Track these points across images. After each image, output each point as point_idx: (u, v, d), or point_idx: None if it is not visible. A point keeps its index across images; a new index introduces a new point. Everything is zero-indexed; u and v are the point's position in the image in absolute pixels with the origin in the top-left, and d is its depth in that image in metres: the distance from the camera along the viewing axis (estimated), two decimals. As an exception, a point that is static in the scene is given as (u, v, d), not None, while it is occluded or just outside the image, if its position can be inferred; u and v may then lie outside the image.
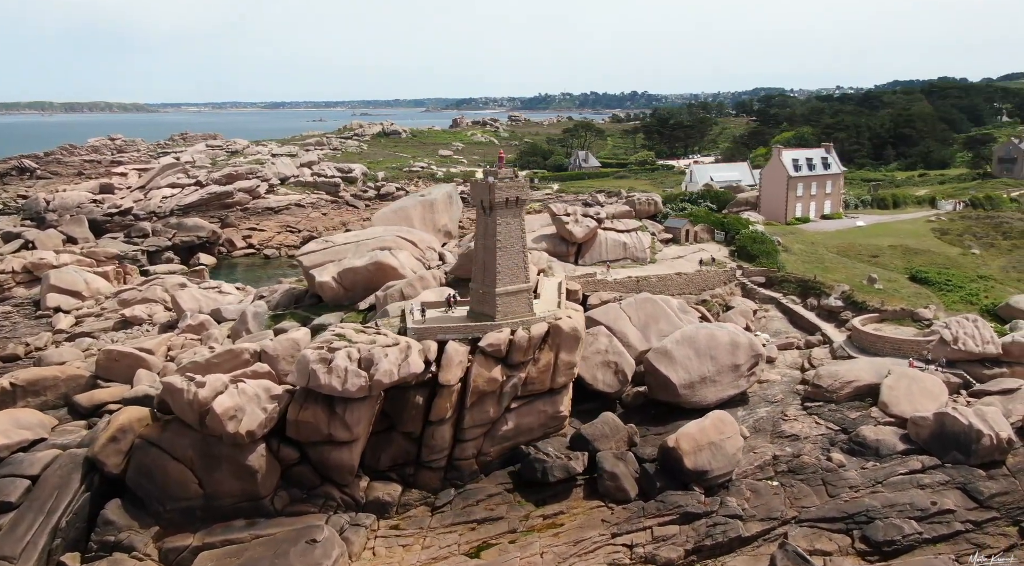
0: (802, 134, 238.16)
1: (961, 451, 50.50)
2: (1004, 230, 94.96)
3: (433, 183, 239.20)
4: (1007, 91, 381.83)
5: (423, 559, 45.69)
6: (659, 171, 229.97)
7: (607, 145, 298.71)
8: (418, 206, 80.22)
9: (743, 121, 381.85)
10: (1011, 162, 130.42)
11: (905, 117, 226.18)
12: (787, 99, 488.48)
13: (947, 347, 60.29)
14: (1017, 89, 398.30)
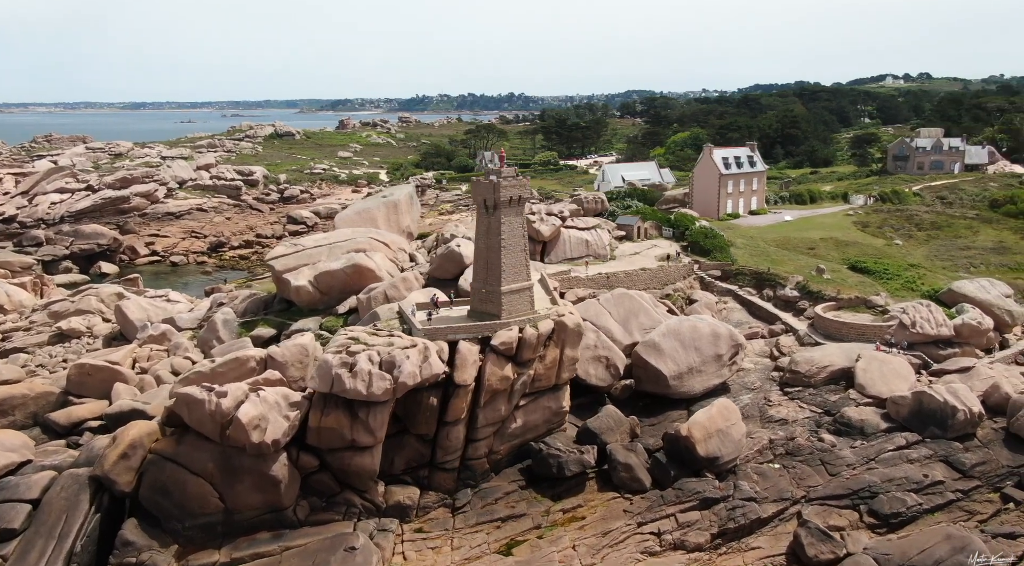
0: (696, 134, 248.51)
1: (938, 426, 54.39)
2: (916, 222, 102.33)
3: (337, 185, 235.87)
4: (868, 94, 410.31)
5: (456, 560, 45.47)
6: (563, 171, 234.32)
7: (506, 146, 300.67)
8: (382, 207, 78.97)
9: (629, 122, 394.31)
10: (904, 159, 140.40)
11: (790, 118, 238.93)
12: (668, 101, 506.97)
13: (906, 331, 64.75)
14: (877, 92, 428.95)
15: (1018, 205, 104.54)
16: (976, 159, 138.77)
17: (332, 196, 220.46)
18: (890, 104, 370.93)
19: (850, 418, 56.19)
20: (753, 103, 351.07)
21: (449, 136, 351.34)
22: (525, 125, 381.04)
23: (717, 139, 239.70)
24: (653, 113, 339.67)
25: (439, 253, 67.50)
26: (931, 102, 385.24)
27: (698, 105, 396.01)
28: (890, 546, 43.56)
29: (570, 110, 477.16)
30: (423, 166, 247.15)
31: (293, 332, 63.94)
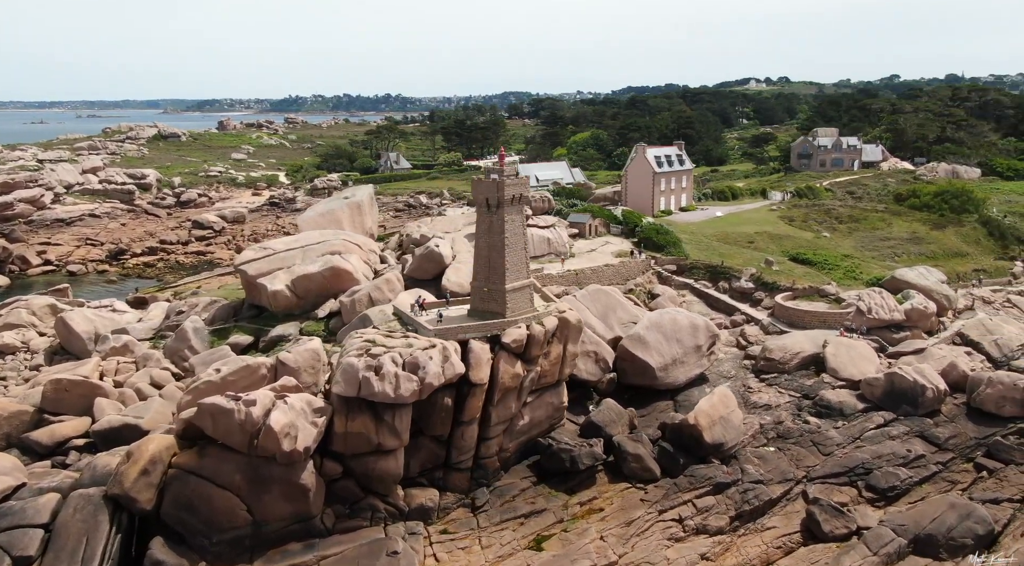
0: (597, 135, 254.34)
1: (909, 404, 58.39)
2: (835, 215, 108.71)
3: (235, 188, 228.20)
4: (745, 96, 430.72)
5: (490, 558, 45.46)
6: (468, 171, 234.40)
7: (403, 146, 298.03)
8: (345, 208, 77.24)
9: (519, 123, 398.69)
10: (808, 157, 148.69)
11: (685, 119, 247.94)
12: (556, 102, 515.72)
13: (864, 316, 68.98)
14: (753, 94, 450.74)
15: (921, 199, 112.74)
16: (871, 157, 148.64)
17: (232, 199, 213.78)
18: (766, 106, 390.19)
19: (829, 401, 59.47)
20: (641, 104, 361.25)
21: (338, 137, 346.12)
22: (415, 126, 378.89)
23: (617, 139, 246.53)
24: (548, 114, 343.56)
25: (418, 253, 66.87)
26: (798, 104, 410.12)
27: (585, 106, 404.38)
28: (903, 517, 46.53)
29: (459, 111, 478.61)
30: (325, 168, 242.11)
31: (273, 338, 62.17)
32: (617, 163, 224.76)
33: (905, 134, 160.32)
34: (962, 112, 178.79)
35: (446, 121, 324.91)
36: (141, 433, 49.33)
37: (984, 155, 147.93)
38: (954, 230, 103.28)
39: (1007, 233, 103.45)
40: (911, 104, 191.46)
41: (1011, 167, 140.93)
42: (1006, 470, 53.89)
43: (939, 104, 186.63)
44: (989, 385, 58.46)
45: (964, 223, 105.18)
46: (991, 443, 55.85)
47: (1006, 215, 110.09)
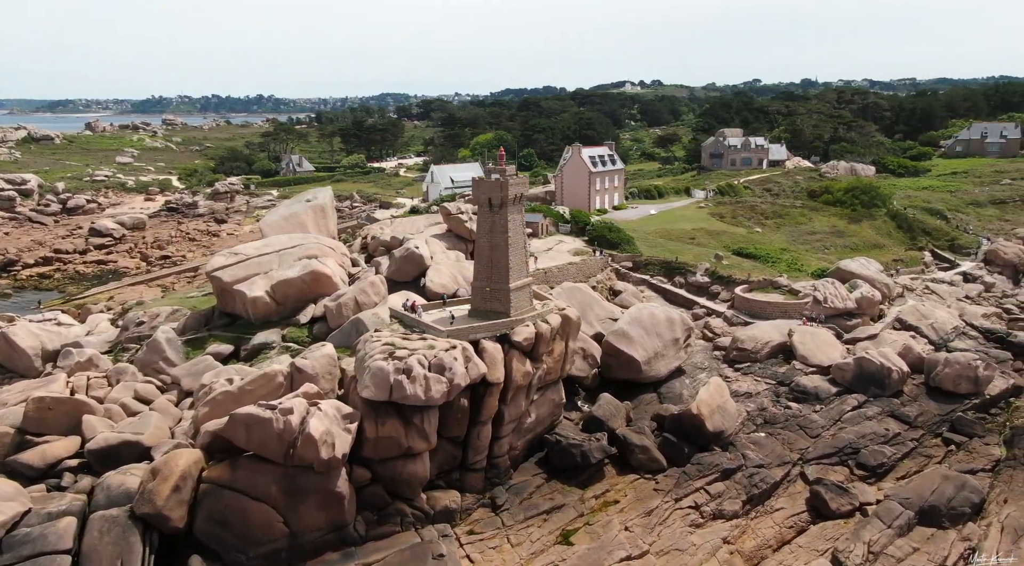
0: (501, 136, 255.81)
1: (877, 386, 62.26)
2: (760, 212, 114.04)
3: (125, 193, 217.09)
4: (633, 98, 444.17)
5: (524, 556, 45.66)
6: (373, 173, 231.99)
7: (300, 147, 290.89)
8: (310, 211, 75.02)
9: (410, 124, 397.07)
10: (720, 157, 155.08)
11: (586, 120, 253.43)
12: (445, 104, 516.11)
13: (820, 306, 72.97)
14: (639, 97, 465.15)
15: (834, 195, 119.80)
16: (777, 156, 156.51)
17: (124, 205, 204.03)
18: (651, 108, 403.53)
19: (805, 386, 62.66)
20: (534, 106, 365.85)
21: (224, 139, 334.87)
22: (303, 127, 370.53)
23: (522, 140, 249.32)
24: (445, 116, 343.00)
25: (397, 255, 65.99)
26: (680, 105, 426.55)
27: (476, 108, 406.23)
28: (905, 491, 49.60)
29: (347, 112, 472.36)
30: (222, 171, 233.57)
31: (256, 346, 60.08)
32: (524, 164, 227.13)
33: (803, 134, 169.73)
34: (848, 113, 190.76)
35: (336, 123, 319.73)
36: (142, 450, 46.93)
37: (876, 154, 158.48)
38: (868, 223, 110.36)
39: (914, 226, 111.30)
40: (804, 106, 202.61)
41: (901, 165, 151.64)
42: (971, 443, 58.34)
43: (828, 106, 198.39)
44: (947, 365, 63.04)
45: (876, 217, 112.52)
46: (954, 419, 60.33)
47: (906, 208, 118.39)
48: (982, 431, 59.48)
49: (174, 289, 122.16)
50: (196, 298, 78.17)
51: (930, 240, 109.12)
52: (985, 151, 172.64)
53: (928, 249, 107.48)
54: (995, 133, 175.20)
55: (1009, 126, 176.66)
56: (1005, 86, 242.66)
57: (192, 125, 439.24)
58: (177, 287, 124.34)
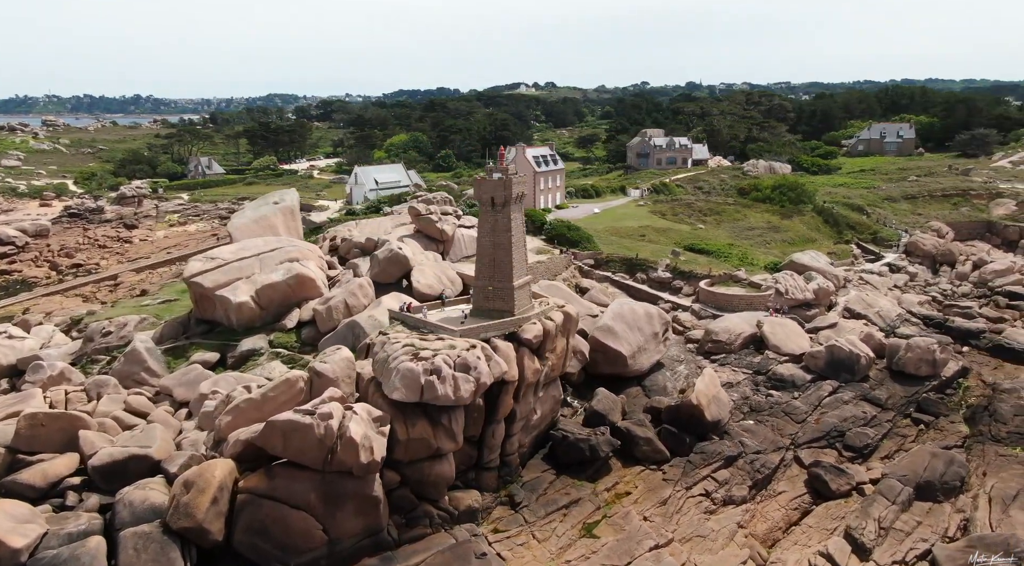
0: (416, 137, 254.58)
1: (848, 372, 65.58)
2: (697, 209, 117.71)
3: (16, 198, 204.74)
4: (537, 100, 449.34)
5: (554, 550, 46.05)
6: (286, 175, 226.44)
7: (202, 148, 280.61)
8: (279, 213, 72.70)
9: (311, 125, 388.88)
10: (646, 156, 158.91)
11: (501, 121, 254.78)
12: (346, 105, 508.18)
13: (782, 297, 76.22)
14: (545, 98, 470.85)
15: (762, 192, 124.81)
16: (700, 155, 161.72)
17: (18, 211, 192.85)
18: (556, 109, 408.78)
19: (782, 374, 65.38)
20: (440, 107, 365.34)
21: (114, 141, 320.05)
22: (209, 129, 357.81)
23: (438, 141, 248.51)
24: (353, 116, 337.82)
25: (381, 257, 65.01)
26: (583, 106, 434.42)
27: (379, 109, 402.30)
28: (900, 469, 52.50)
29: (243, 113, 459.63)
30: (123, 175, 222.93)
31: (243, 353, 58.21)
32: (442, 165, 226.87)
33: (720, 134, 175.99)
34: (758, 114, 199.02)
35: (233, 124, 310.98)
36: (151, 464, 44.72)
37: (790, 153, 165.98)
38: (799, 219, 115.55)
39: (839, 220, 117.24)
40: (718, 107, 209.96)
41: (815, 163, 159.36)
42: (939, 422, 62.28)
43: (739, 107, 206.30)
44: (908, 350, 67.02)
45: (804, 213, 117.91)
46: (920, 400, 64.26)
47: (829, 203, 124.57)
48: (946, 410, 63.62)
49: (96, 298, 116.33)
50: (153, 306, 74.84)
51: (855, 234, 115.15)
52: (884, 150, 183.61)
53: (854, 242, 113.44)
54: (892, 133, 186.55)
55: (904, 127, 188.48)
56: (895, 89, 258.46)
57: (76, 126, 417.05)
58: (99, 296, 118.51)
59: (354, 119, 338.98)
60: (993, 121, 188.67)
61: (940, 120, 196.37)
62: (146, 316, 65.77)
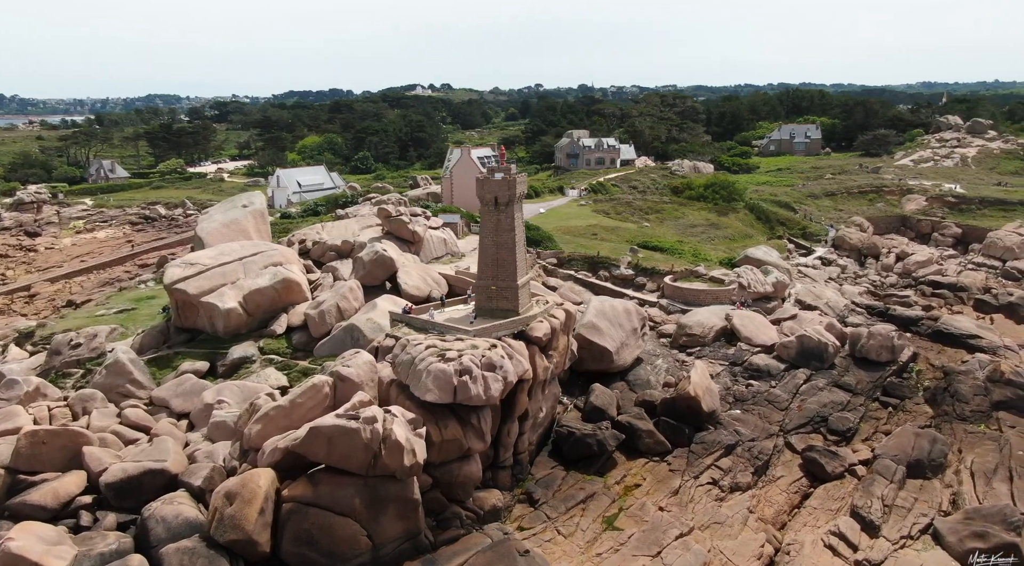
0: (331, 139, 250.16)
1: (817, 360, 68.65)
2: (637, 207, 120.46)
3: None
4: (445, 102, 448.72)
5: (581, 545, 46.53)
6: (195, 179, 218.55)
7: (98, 150, 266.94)
8: (249, 217, 70.07)
9: (214, 127, 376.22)
10: (576, 157, 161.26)
11: (417, 123, 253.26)
12: (243, 106, 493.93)
13: (745, 291, 79.06)
14: (449, 100, 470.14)
15: (696, 190, 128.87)
16: (627, 156, 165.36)
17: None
18: (464, 111, 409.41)
19: (758, 365, 67.87)
20: (345, 109, 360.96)
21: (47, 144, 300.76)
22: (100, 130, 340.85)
23: (354, 143, 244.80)
24: (259, 118, 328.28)
25: (367, 259, 63.89)
26: (489, 108, 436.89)
27: (278, 110, 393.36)
28: (891, 449, 55.30)
29: (132, 114, 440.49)
30: (15, 179, 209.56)
31: (235, 361, 56.24)
32: (360, 167, 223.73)
33: (643, 135, 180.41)
34: (675, 116, 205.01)
35: (121, 126, 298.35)
36: (168, 478, 43.07)
37: (711, 153, 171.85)
38: (734, 216, 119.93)
39: (771, 217, 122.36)
40: (636, 108, 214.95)
41: (735, 163, 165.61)
42: (904, 404, 65.97)
43: (655, 109, 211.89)
44: (870, 338, 70.68)
45: (737, 210, 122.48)
46: (885, 384, 67.96)
47: (758, 200, 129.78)
48: (910, 393, 67.50)
49: (12, 310, 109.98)
50: (109, 316, 71.16)
51: (785, 229, 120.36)
52: (793, 150, 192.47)
53: (786, 238, 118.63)
54: (801, 134, 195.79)
55: (811, 128, 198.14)
56: (794, 93, 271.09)
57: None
58: (15, 308, 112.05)
59: (259, 121, 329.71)
60: (889, 122, 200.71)
61: (841, 122, 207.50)
62: (116, 326, 62.50)
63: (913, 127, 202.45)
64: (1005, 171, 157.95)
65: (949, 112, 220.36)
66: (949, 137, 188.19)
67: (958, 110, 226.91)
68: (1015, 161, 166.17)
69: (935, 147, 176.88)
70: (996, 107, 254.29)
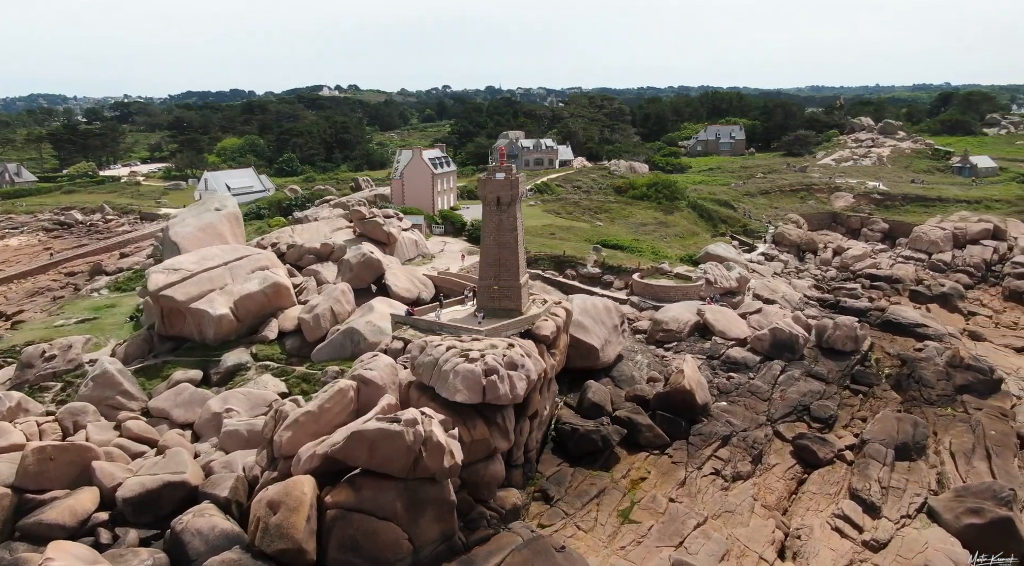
0: (252, 141, 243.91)
1: (789, 351, 71.21)
2: (585, 207, 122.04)
3: None
4: (361, 103, 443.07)
5: (604, 539, 47.11)
6: (108, 182, 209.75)
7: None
8: (224, 221, 67.57)
9: (124, 128, 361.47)
10: (514, 158, 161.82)
11: (342, 124, 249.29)
12: (146, 106, 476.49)
13: (712, 287, 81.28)
14: (363, 100, 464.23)
15: (639, 190, 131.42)
16: (564, 156, 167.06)
17: None
18: (381, 113, 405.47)
19: (735, 358, 69.93)
20: (258, 109, 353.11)
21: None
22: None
23: (277, 145, 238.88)
24: (174, 120, 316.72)
25: (354, 262, 62.85)
26: (405, 110, 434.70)
27: (183, 110, 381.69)
28: (878, 433, 57.81)
29: (24, 115, 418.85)
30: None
31: (229, 369, 54.59)
32: (285, 169, 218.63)
33: (577, 136, 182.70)
34: (604, 117, 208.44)
35: (12, 127, 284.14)
36: (189, 490, 41.74)
37: (645, 153, 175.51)
38: (679, 215, 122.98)
39: (713, 215, 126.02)
40: (567, 109, 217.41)
41: (668, 163, 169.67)
42: (873, 391, 69.19)
43: (585, 110, 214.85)
44: (836, 329, 73.72)
45: (681, 209, 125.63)
46: (853, 373, 71.07)
47: (693, 199, 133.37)
48: (876, 380, 70.80)
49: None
50: (69, 327, 67.77)
51: (727, 227, 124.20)
52: (719, 150, 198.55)
53: (729, 235, 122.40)
54: (726, 135, 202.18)
55: (736, 129, 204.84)
56: (713, 94, 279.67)
57: None
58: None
59: (170, 122, 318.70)
60: (806, 124, 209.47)
61: (761, 123, 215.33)
62: (89, 336, 59.58)
63: (828, 128, 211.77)
64: (918, 169, 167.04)
65: (860, 114, 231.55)
66: (864, 137, 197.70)
67: (865, 112, 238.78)
68: (926, 160, 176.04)
69: (852, 147, 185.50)
70: (898, 109, 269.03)
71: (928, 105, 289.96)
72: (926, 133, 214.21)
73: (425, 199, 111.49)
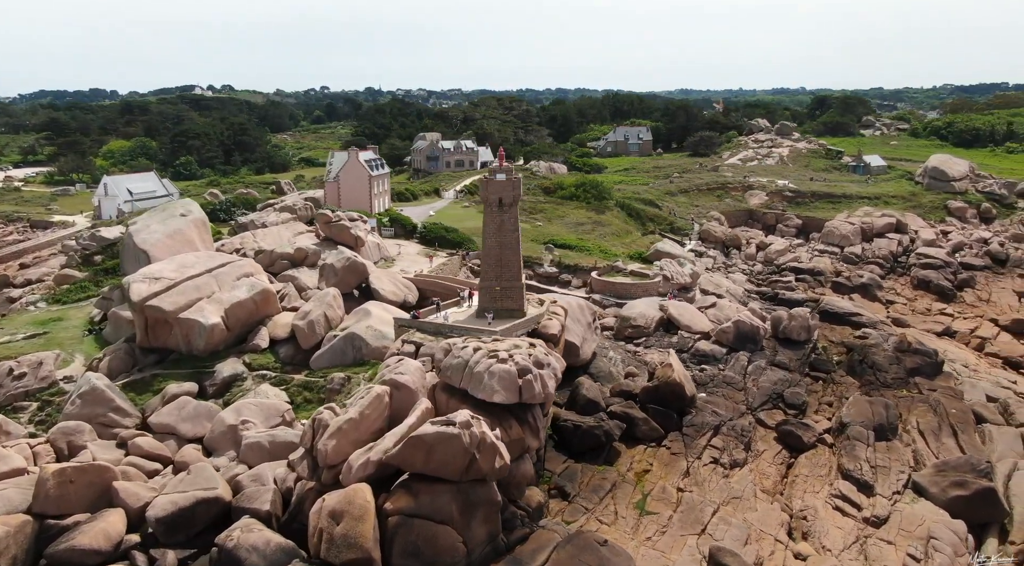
0: (144, 144, 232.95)
1: (752, 343, 74.30)
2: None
3: None
4: (248, 104, 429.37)
5: (628, 531, 48.05)
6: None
7: None
8: (192, 227, 64.17)
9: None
10: (435, 159, 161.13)
11: (240, 126, 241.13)
12: (7, 107, 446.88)
13: (669, 283, 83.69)
14: (250, 102, 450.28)
15: (567, 190, 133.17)
16: (485, 157, 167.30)
17: None
18: (269, 114, 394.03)
19: (704, 351, 72.40)
20: (139, 110, 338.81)
21: None
22: None
23: (171, 147, 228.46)
24: (47, 121, 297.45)
25: (339, 266, 61.38)
26: (288, 112, 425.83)
27: (50, 110, 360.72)
28: (856, 417, 61.07)
29: None
30: None
31: (226, 380, 52.62)
32: (183, 172, 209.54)
33: (492, 137, 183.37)
34: (516, 119, 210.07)
35: None
36: (223, 505, 40.21)
37: (561, 154, 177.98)
38: (610, 214, 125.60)
39: (641, 214, 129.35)
40: (479, 111, 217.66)
41: (584, 164, 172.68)
42: (832, 376, 73.09)
43: (496, 112, 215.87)
44: (791, 319, 77.29)
45: (610, 208, 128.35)
46: (811, 361, 74.81)
47: (618, 198, 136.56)
48: (832, 367, 74.80)
49: None
50: (18, 343, 63.14)
51: (655, 225, 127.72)
52: (628, 151, 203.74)
53: (657, 232, 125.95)
54: (634, 136, 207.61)
55: (643, 130, 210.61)
56: (615, 96, 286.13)
57: None
58: None
59: (44, 124, 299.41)
60: (707, 125, 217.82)
61: (665, 124, 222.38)
62: (59, 352, 55.74)
63: (728, 129, 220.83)
64: (817, 168, 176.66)
65: (756, 116, 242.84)
66: (763, 138, 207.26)
67: (759, 114, 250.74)
68: (822, 159, 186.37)
69: (754, 147, 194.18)
70: (781, 110, 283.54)
71: (805, 108, 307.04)
72: (810, 133, 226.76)
73: (363, 201, 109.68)
